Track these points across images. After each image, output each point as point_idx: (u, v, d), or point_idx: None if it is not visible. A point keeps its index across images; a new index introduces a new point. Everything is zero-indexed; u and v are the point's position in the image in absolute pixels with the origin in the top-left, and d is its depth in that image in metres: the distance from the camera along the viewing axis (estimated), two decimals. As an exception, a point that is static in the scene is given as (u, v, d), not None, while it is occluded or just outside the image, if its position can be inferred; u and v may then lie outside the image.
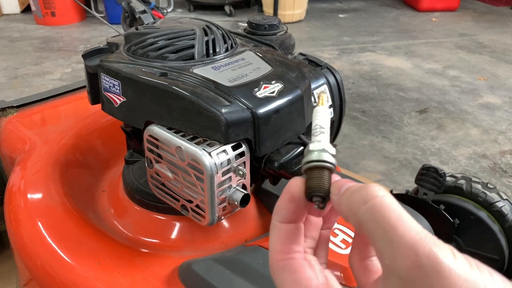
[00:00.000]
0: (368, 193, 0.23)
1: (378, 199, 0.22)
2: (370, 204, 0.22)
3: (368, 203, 0.23)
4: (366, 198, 0.23)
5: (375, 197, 0.23)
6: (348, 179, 0.26)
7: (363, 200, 0.23)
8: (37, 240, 0.68)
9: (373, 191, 0.23)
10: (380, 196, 0.23)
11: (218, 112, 0.52)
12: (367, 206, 0.23)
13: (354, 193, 0.24)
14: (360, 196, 0.23)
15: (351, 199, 0.24)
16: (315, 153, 0.27)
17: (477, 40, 3.18)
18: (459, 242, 0.89)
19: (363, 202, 0.23)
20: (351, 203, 0.24)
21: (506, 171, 1.63)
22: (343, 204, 0.25)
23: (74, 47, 2.95)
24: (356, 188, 0.24)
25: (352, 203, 0.24)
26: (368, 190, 0.23)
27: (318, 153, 0.27)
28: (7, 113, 1.01)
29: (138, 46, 0.63)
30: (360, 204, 0.23)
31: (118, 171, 0.87)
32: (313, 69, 0.72)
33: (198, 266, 0.60)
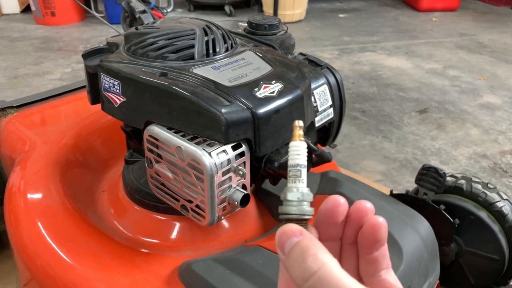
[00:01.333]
0: (306, 269, 0.23)
1: (317, 276, 0.23)
2: (317, 276, 0.23)
3: (314, 276, 0.23)
4: (305, 275, 0.23)
5: (314, 274, 0.23)
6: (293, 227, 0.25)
7: (304, 278, 0.23)
8: (37, 240, 0.68)
9: (312, 266, 0.23)
10: (319, 271, 0.23)
11: (218, 112, 0.52)
12: (314, 278, 0.23)
13: (295, 264, 0.24)
14: (300, 271, 0.23)
15: (294, 271, 0.24)
16: (294, 206, 0.27)
17: (477, 40, 3.18)
18: (459, 242, 0.89)
19: (304, 280, 0.23)
20: (297, 271, 0.24)
21: (506, 171, 1.63)
22: (290, 270, 0.24)
23: (74, 47, 2.94)
24: (296, 255, 0.24)
25: (298, 272, 0.24)
26: (310, 255, 0.23)
27: (298, 204, 0.27)
28: (7, 113, 1.01)
29: (138, 46, 0.63)
30: (306, 275, 0.23)
31: (118, 171, 0.87)
32: (313, 69, 0.72)
33: (198, 266, 0.60)
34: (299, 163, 0.27)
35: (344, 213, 0.28)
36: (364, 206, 0.27)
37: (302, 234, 0.25)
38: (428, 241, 0.73)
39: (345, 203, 0.28)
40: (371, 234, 0.27)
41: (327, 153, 0.63)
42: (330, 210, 0.28)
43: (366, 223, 0.27)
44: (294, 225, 0.25)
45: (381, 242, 0.27)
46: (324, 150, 0.63)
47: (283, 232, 0.25)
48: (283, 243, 0.25)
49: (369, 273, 0.28)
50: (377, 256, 0.27)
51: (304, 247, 0.24)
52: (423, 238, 0.73)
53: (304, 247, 0.24)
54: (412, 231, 0.72)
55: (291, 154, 0.28)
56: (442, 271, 0.82)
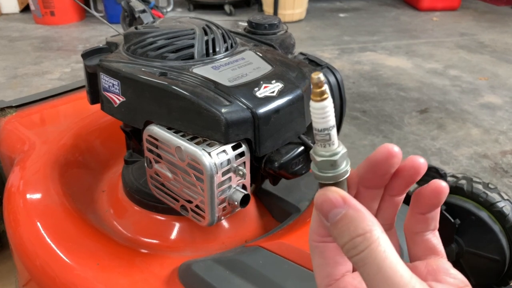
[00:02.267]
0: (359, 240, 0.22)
1: (373, 246, 0.22)
2: (364, 254, 0.22)
3: (361, 254, 0.22)
4: (353, 251, 0.23)
5: (371, 244, 0.22)
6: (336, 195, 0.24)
7: (350, 253, 0.23)
8: (36, 241, 0.68)
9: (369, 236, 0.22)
10: (375, 241, 0.22)
11: (218, 112, 0.52)
12: (359, 257, 0.22)
13: (343, 237, 0.23)
14: (348, 247, 0.23)
15: (341, 242, 0.23)
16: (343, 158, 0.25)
17: (478, 40, 3.18)
18: (460, 243, 0.89)
19: (350, 255, 0.23)
20: (344, 245, 0.23)
21: (507, 171, 1.63)
22: (335, 237, 0.24)
23: (74, 46, 2.94)
24: (344, 229, 0.23)
25: (345, 246, 0.23)
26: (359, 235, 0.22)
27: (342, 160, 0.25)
28: (6, 113, 1.01)
29: (138, 45, 0.63)
30: (353, 252, 0.23)
31: (118, 171, 0.86)
32: (313, 69, 0.71)
33: (198, 266, 0.60)
34: (325, 127, 0.24)
35: (396, 165, 0.26)
36: (418, 162, 0.26)
37: (347, 203, 0.24)
38: (429, 242, 0.73)
39: (399, 153, 0.26)
40: (433, 197, 0.26)
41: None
42: (381, 161, 0.26)
43: (429, 185, 0.27)
44: (337, 191, 0.24)
45: (438, 204, 0.27)
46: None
47: (325, 200, 0.24)
48: (327, 211, 0.24)
49: (415, 231, 0.28)
50: (429, 217, 0.27)
51: (352, 222, 0.23)
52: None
53: (352, 221, 0.23)
54: (412, 232, 0.72)
55: (314, 117, 0.24)
56: (442, 271, 0.82)
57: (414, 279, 0.22)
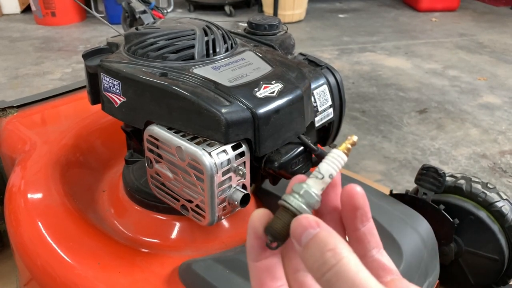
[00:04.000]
0: (329, 255, 0.23)
1: (334, 270, 0.23)
2: (334, 270, 0.23)
3: (332, 269, 0.23)
4: (323, 269, 0.23)
5: (332, 267, 0.23)
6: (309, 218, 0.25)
7: (321, 272, 0.23)
8: (37, 240, 0.68)
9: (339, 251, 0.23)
10: (342, 258, 0.23)
11: (218, 112, 0.52)
12: (332, 272, 0.23)
13: (313, 257, 0.24)
14: (318, 265, 0.23)
15: (312, 264, 0.24)
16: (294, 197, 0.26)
17: (477, 40, 3.18)
18: (459, 242, 0.89)
19: (321, 274, 0.23)
20: (315, 264, 0.24)
21: (506, 171, 1.63)
22: (306, 260, 0.24)
23: (74, 47, 2.95)
24: (314, 248, 0.24)
25: (316, 265, 0.23)
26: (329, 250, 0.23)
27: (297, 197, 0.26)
28: (7, 113, 1.01)
29: (138, 46, 0.63)
30: (323, 267, 0.23)
31: (118, 171, 0.87)
32: (313, 69, 0.72)
33: (198, 266, 0.60)
34: (329, 170, 0.27)
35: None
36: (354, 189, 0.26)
37: (319, 225, 0.24)
38: (427, 241, 0.74)
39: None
40: (348, 201, 0.26)
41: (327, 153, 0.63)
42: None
43: (342, 193, 0.27)
44: (310, 216, 0.25)
45: (363, 212, 0.26)
46: (324, 150, 0.63)
47: (299, 223, 0.24)
48: (300, 234, 0.24)
49: (360, 254, 0.27)
50: (364, 232, 0.27)
51: (323, 240, 0.23)
52: (422, 238, 0.73)
53: (323, 240, 0.23)
54: (412, 231, 0.73)
55: (329, 157, 0.27)
56: (441, 271, 0.82)
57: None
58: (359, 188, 0.27)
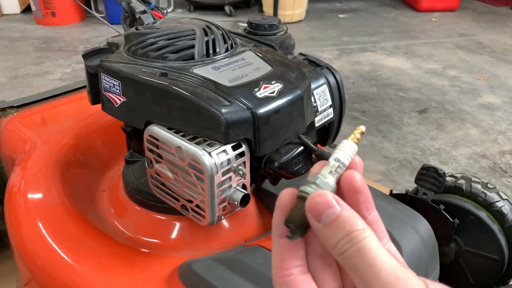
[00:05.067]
0: (354, 235, 0.24)
1: (364, 242, 0.24)
2: (356, 247, 0.24)
3: (355, 245, 0.24)
4: (353, 239, 0.24)
5: (362, 240, 0.24)
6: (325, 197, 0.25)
7: (350, 241, 0.24)
8: (37, 240, 0.68)
9: (359, 233, 0.24)
10: (365, 238, 0.24)
11: (218, 112, 0.52)
12: (354, 248, 0.24)
13: (340, 231, 0.24)
14: (347, 237, 0.24)
15: (337, 237, 0.24)
16: (311, 187, 0.26)
17: (477, 40, 3.18)
18: (459, 242, 0.89)
19: (350, 243, 0.24)
20: (337, 242, 0.24)
21: (506, 171, 1.64)
22: (327, 237, 0.25)
23: (74, 47, 2.95)
24: (338, 228, 0.24)
25: (335, 244, 0.24)
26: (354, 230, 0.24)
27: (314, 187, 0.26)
28: (7, 113, 1.01)
29: (138, 46, 0.63)
30: (347, 244, 0.24)
31: (118, 171, 0.87)
32: (313, 69, 0.72)
33: (198, 266, 0.60)
34: (341, 159, 0.27)
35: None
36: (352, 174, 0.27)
37: (340, 204, 0.25)
38: (427, 241, 0.74)
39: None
40: (348, 186, 0.27)
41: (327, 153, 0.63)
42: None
43: (341, 179, 0.27)
44: (328, 194, 0.25)
45: (365, 198, 0.27)
46: (324, 150, 0.63)
47: (319, 201, 0.25)
48: (320, 213, 0.25)
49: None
50: (371, 221, 0.27)
51: (348, 221, 0.24)
52: (422, 238, 0.73)
53: (348, 220, 0.24)
54: (411, 231, 0.73)
55: (340, 148, 0.28)
56: (441, 271, 0.82)
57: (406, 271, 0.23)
58: (358, 173, 0.27)
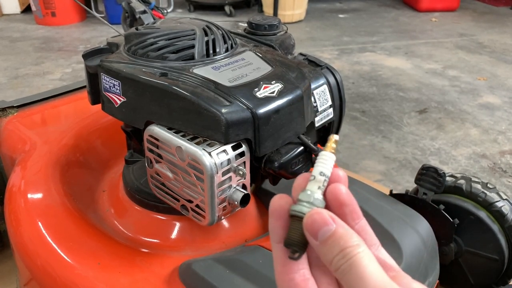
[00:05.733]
0: (347, 251, 0.25)
1: (356, 257, 0.25)
2: (349, 262, 0.25)
3: (348, 261, 0.25)
4: (346, 255, 0.25)
5: (354, 255, 0.25)
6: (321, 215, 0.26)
7: (344, 257, 0.25)
8: (37, 240, 0.68)
9: (352, 249, 0.25)
10: (358, 253, 0.25)
11: (218, 112, 0.52)
12: (346, 264, 0.25)
13: (335, 247, 0.25)
14: (341, 253, 0.25)
15: (332, 253, 0.25)
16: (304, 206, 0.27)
17: (477, 40, 3.18)
18: (459, 242, 0.89)
19: (344, 259, 0.25)
20: (333, 257, 0.25)
21: (505, 171, 1.64)
22: (324, 254, 0.26)
23: (75, 47, 2.95)
24: (333, 244, 0.25)
25: (332, 260, 0.25)
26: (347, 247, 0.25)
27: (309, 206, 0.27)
28: (7, 113, 1.01)
29: (138, 46, 0.63)
30: (341, 260, 0.25)
31: (118, 171, 0.87)
32: (313, 69, 0.72)
33: (198, 266, 0.60)
34: (325, 172, 0.28)
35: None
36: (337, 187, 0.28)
37: (335, 221, 0.26)
38: (427, 241, 0.74)
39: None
40: (333, 199, 0.27)
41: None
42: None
43: (327, 192, 0.28)
44: (324, 212, 0.26)
45: (352, 209, 0.27)
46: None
47: (314, 220, 0.26)
48: (317, 230, 0.26)
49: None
50: (358, 230, 0.28)
51: (342, 238, 0.25)
52: (422, 238, 0.73)
53: (342, 237, 0.25)
54: (411, 231, 0.73)
55: (321, 161, 0.29)
56: (441, 270, 0.82)
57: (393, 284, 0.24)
58: (343, 186, 0.28)
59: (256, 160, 0.58)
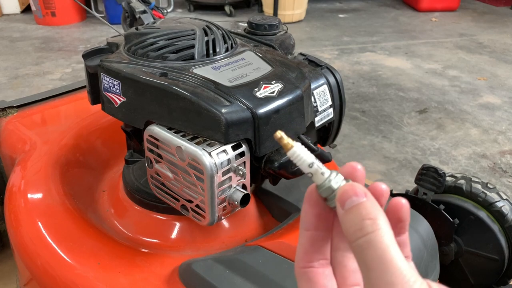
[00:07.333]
0: (362, 229, 0.24)
1: (368, 237, 0.23)
2: (367, 237, 0.23)
3: (366, 236, 0.23)
4: (359, 233, 0.24)
5: (375, 230, 0.23)
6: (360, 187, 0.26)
7: (356, 236, 0.24)
8: (37, 240, 0.68)
9: (378, 222, 0.24)
10: (380, 229, 0.23)
11: (218, 112, 0.52)
12: (365, 239, 0.23)
13: (353, 221, 0.24)
14: (355, 229, 0.24)
15: (349, 227, 0.25)
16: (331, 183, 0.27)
17: (477, 40, 3.18)
18: (459, 242, 0.89)
19: (356, 237, 0.24)
20: (352, 228, 0.24)
21: (506, 171, 1.64)
22: (345, 223, 0.25)
23: (74, 47, 2.95)
24: (357, 213, 0.24)
25: (352, 229, 0.24)
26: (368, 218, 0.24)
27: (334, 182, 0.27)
28: (7, 113, 1.01)
29: (138, 46, 0.63)
30: (359, 233, 0.24)
31: (118, 171, 0.87)
32: (313, 69, 0.72)
33: (198, 266, 0.60)
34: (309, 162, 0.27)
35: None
36: (380, 187, 0.27)
37: (367, 196, 0.25)
38: (427, 241, 0.74)
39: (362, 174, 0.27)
40: (394, 213, 0.27)
41: (327, 153, 0.63)
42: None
43: (390, 203, 0.27)
44: (361, 186, 0.26)
45: (403, 225, 0.27)
46: (324, 150, 0.63)
47: (348, 189, 0.25)
48: (345, 199, 0.25)
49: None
50: (399, 242, 0.27)
51: (367, 209, 0.24)
52: (422, 238, 0.73)
53: (367, 209, 0.24)
54: (412, 231, 0.72)
55: (296, 161, 0.27)
56: (441, 271, 0.82)
57: (413, 272, 0.23)
58: (405, 201, 0.27)
59: (256, 160, 0.58)
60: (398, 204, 0.27)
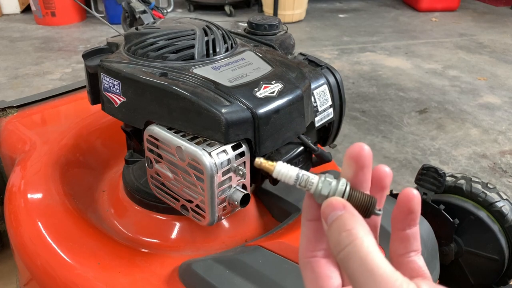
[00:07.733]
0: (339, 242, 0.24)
1: (346, 250, 0.24)
2: (346, 250, 0.24)
3: (345, 249, 0.24)
4: (338, 247, 0.24)
5: (354, 239, 0.24)
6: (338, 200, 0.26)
7: (337, 250, 0.24)
8: (37, 240, 0.68)
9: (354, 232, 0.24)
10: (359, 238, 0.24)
11: (218, 112, 0.52)
12: (344, 252, 0.24)
13: (332, 236, 0.25)
14: (335, 243, 0.25)
15: (330, 242, 0.25)
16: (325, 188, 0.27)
17: (477, 40, 3.18)
18: (459, 242, 0.89)
19: (337, 252, 0.24)
20: (333, 243, 0.25)
21: (506, 171, 1.63)
22: (329, 239, 0.26)
23: (74, 47, 2.95)
24: (335, 228, 0.25)
25: (334, 243, 0.25)
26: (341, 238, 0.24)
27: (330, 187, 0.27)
28: (7, 113, 1.01)
29: (138, 46, 0.63)
30: (338, 247, 0.24)
31: (118, 171, 0.87)
32: (313, 69, 0.72)
33: (198, 266, 0.60)
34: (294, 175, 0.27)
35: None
36: (383, 169, 0.28)
37: (345, 208, 0.25)
38: (428, 241, 0.73)
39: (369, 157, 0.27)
40: (404, 204, 0.27)
41: (327, 153, 0.63)
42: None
43: (400, 194, 0.27)
44: (339, 199, 0.26)
45: (414, 216, 0.27)
46: (324, 150, 0.63)
47: (327, 204, 0.26)
48: (327, 214, 0.26)
49: (399, 252, 0.28)
50: (409, 235, 0.28)
51: (343, 222, 0.25)
52: (423, 238, 0.73)
53: (343, 221, 0.25)
54: (411, 231, 0.72)
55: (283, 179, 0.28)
56: (441, 271, 0.82)
57: (397, 274, 0.23)
58: (416, 192, 0.27)
59: (256, 160, 0.58)
60: (409, 194, 0.27)
